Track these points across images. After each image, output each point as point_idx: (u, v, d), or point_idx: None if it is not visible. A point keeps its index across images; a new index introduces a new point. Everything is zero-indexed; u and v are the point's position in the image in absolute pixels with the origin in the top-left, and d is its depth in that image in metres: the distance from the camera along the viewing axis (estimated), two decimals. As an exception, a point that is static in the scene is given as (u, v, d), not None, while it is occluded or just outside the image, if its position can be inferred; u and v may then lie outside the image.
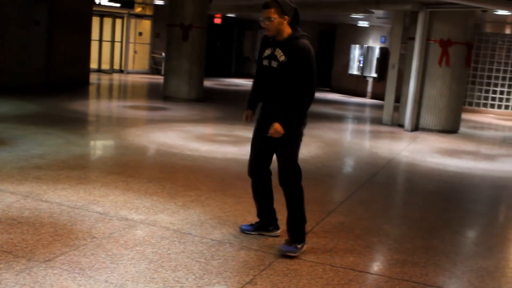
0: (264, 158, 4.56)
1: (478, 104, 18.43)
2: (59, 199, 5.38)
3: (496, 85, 18.17)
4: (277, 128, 4.25)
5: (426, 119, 12.65)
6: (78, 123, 10.22)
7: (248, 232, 4.79)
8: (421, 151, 10.06)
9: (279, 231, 4.82)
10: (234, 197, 5.96)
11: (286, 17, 4.27)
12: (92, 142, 8.96)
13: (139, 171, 6.83)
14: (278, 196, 4.74)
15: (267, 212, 4.77)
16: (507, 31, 17.89)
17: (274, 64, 4.30)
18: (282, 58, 4.26)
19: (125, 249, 4.25)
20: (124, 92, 18.40)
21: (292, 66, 4.22)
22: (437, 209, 6.42)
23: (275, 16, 4.24)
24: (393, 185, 7.84)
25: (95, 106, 13.67)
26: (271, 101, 4.42)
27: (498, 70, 18.08)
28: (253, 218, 5.12)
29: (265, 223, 4.79)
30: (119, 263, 3.98)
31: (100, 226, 4.71)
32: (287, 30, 4.30)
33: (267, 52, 4.39)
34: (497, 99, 18.24)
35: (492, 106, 18.30)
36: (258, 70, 4.55)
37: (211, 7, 16.23)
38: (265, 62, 4.39)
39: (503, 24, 17.57)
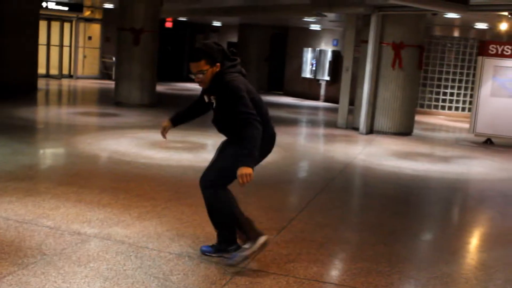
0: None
1: (429, 106, 18.71)
2: (5, 213, 5.11)
3: (446, 87, 18.48)
4: (242, 173, 3.84)
5: (381, 121, 12.72)
6: (25, 131, 9.84)
7: (208, 254, 4.40)
8: (377, 154, 10.08)
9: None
10: (191, 206, 5.78)
11: (218, 64, 4.05)
12: (40, 151, 8.63)
13: (91, 181, 6.59)
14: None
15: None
16: (456, 34, 18.22)
17: (212, 104, 4.20)
18: (214, 101, 4.14)
19: (78, 266, 4.03)
20: (73, 98, 17.94)
21: (223, 104, 4.07)
22: (396, 213, 6.38)
23: (206, 68, 4.02)
24: (351, 190, 7.81)
25: (43, 112, 13.25)
26: (223, 131, 4.28)
27: (448, 72, 18.40)
28: (211, 228, 4.95)
29: (223, 243, 4.40)
30: (72, 282, 3.76)
31: (51, 241, 4.47)
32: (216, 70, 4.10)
33: (205, 97, 4.25)
34: (447, 101, 18.56)
35: (443, 107, 18.61)
36: (199, 97, 4.39)
37: (162, 10, 15.99)
38: (206, 98, 4.26)
39: (451, 27, 17.89)
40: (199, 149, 9.14)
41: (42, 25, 20.12)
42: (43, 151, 8.68)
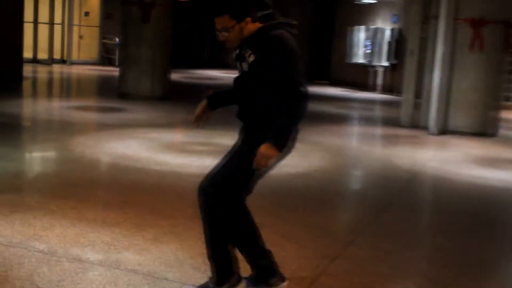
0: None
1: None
2: (-12, 233, 5.10)
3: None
4: (264, 152, 3.80)
5: (456, 119, 12.56)
6: (8, 130, 9.96)
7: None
8: (454, 160, 9.95)
9: (285, 283, 4.31)
10: (220, 226, 5.71)
11: (248, 18, 3.87)
12: (28, 155, 8.70)
13: (93, 194, 6.60)
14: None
15: (254, 253, 4.28)
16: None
17: (244, 66, 3.96)
18: (251, 57, 3.90)
19: (79, 302, 3.99)
20: (68, 88, 18.13)
21: (263, 66, 3.86)
22: (482, 237, 6.24)
23: (232, 24, 3.85)
24: (422, 206, 7.69)
25: (30, 107, 13.39)
26: (245, 114, 4.08)
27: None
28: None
29: (261, 273, 4.28)
30: (72, 323, 3.73)
31: (45, 270, 4.44)
32: (254, 27, 3.90)
33: (236, 51, 4.04)
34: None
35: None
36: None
37: (179, -21, 16.07)
38: (238, 65, 4.05)
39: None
40: (226, 153, 9.08)
41: (29, -2, 20.38)
42: (32, 156, 8.75)
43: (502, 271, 5.31)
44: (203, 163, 8.28)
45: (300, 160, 8.99)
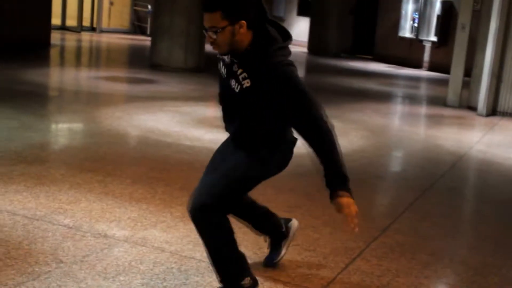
0: None
1: None
2: (11, 206, 5.24)
3: None
4: (348, 201, 3.76)
5: (508, 100, 12.45)
6: (35, 100, 10.11)
7: (275, 261, 4.49)
8: (503, 143, 9.91)
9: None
10: (252, 205, 5.78)
11: (243, 22, 3.50)
12: (55, 127, 8.84)
13: (121, 168, 6.69)
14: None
15: (267, 223, 4.44)
16: None
17: (234, 84, 3.68)
18: (245, 82, 3.61)
19: (104, 279, 4.10)
20: (97, 57, 18.29)
21: (264, 98, 3.59)
22: (529, 225, 6.24)
23: (223, 25, 3.48)
24: (467, 191, 7.69)
25: (57, 76, 13.57)
26: (235, 131, 3.89)
27: None
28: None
29: (278, 237, 4.50)
30: (96, 300, 3.84)
31: (69, 245, 4.56)
32: (247, 39, 3.57)
33: (224, 60, 3.74)
34: None
35: None
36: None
37: None
38: (224, 73, 3.78)
39: None
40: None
41: (59, -39, 20.56)
42: (58, 127, 8.89)
43: (548, 262, 5.31)
44: (236, 139, 8.37)
45: (339, 139, 8.99)
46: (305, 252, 4.82)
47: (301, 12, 25.18)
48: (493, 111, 12.48)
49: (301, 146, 3.88)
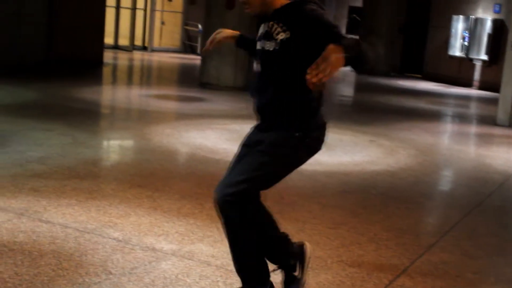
0: None
1: None
2: (63, 219, 5.37)
3: None
4: (333, 50, 3.22)
5: (559, 119, 12.30)
6: (88, 117, 10.32)
7: None
8: (553, 163, 9.77)
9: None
10: (298, 222, 5.85)
11: None
12: (106, 143, 9.01)
13: (170, 184, 6.80)
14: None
15: (279, 251, 4.10)
16: None
17: (269, 46, 3.68)
18: (281, 35, 3.61)
19: (151, 291, 4.19)
20: (148, 76, 18.54)
21: (301, 44, 3.56)
22: None
23: None
24: (514, 210, 7.62)
25: (110, 94, 13.79)
26: (266, 104, 3.79)
27: None
28: (322, 251, 5.01)
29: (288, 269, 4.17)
30: (143, 311, 3.93)
31: (119, 257, 4.67)
32: (279, 1, 3.67)
33: (260, 30, 3.78)
34: None
35: None
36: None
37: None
38: (258, 46, 3.79)
39: None
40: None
41: (112, -18, 20.93)
42: (110, 143, 9.05)
43: None
44: (283, 157, 8.43)
45: (386, 157, 9.03)
46: (349, 268, 4.85)
47: (350, 31, 25.20)
48: (544, 130, 12.35)
49: (347, 164, 3.94)
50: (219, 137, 9.35)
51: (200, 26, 21.76)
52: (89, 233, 5.10)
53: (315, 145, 3.86)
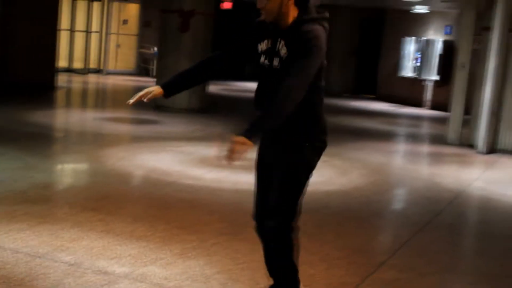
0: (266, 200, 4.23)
1: None
2: (14, 244, 5.31)
3: None
4: (237, 139, 3.72)
5: (508, 137, 12.51)
6: (40, 141, 10.22)
7: None
8: (502, 181, 9.95)
9: None
10: (250, 243, 5.83)
11: None
12: (59, 167, 8.93)
13: (122, 207, 6.79)
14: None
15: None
16: None
17: (276, 62, 3.99)
18: (283, 52, 3.95)
19: (103, 314, 4.18)
20: (102, 99, 18.45)
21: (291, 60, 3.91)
22: (525, 261, 6.29)
23: None
24: (464, 228, 7.74)
25: (63, 117, 13.70)
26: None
27: None
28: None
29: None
30: (94, 334, 3.91)
31: (70, 282, 4.64)
32: (293, 14, 3.96)
33: (264, 45, 4.07)
34: None
35: None
36: (231, 48, 4.27)
37: (219, -13, 16.33)
38: (263, 59, 4.08)
39: None
40: (262, 168, 9.24)
41: (65, 4, 20.85)
42: (62, 167, 8.98)
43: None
44: (237, 179, 8.47)
45: (339, 177, 9.12)
46: (301, 288, 4.88)
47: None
48: (493, 149, 12.52)
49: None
50: (172, 160, 9.34)
51: (155, 48, 21.75)
52: (40, 258, 5.06)
53: (323, 146, 4.19)
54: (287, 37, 3.93)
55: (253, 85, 16.54)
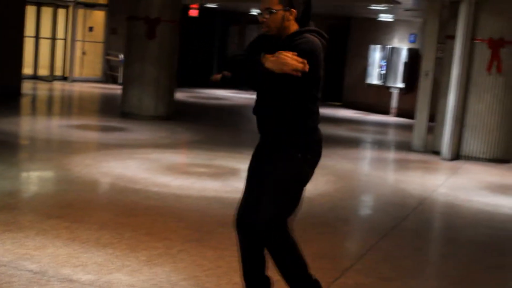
0: (256, 207, 4.35)
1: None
2: (-22, 252, 5.29)
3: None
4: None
5: (471, 144, 12.66)
6: (5, 148, 10.15)
7: None
8: (465, 187, 10.06)
9: None
10: (216, 249, 5.89)
11: (293, 10, 4.17)
12: (24, 174, 8.87)
13: (88, 214, 6.76)
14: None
15: (257, 280, 4.57)
16: None
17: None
18: None
19: (68, 322, 4.16)
20: (68, 106, 18.34)
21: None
22: (487, 266, 6.37)
23: (278, 8, 4.13)
24: (427, 233, 7.82)
25: (29, 125, 13.60)
26: (268, 124, 4.31)
27: None
28: (240, 278, 5.07)
29: None
30: None
31: (35, 290, 4.62)
32: (293, 28, 4.19)
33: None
34: None
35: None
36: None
37: (186, -6, 16.34)
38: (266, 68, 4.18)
39: None
40: (228, 175, 9.26)
41: (30, 11, 20.68)
42: (28, 175, 8.91)
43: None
44: (203, 185, 8.50)
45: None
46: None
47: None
48: (457, 155, 12.66)
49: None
50: (139, 167, 9.32)
51: (121, 56, 21.70)
52: (4, 266, 5.03)
53: (316, 160, 4.35)
54: (286, 46, 4.07)
55: (220, 92, 16.74)
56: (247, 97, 22.36)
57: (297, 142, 4.24)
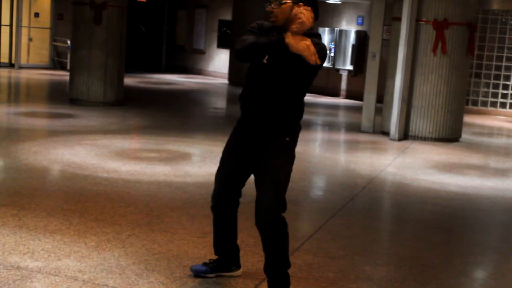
0: (237, 184, 4.76)
1: (484, 103, 18.86)
2: None
3: (507, 78, 18.59)
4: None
5: (418, 124, 12.85)
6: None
7: (203, 275, 4.89)
8: (412, 166, 10.22)
9: (240, 270, 5.02)
10: (166, 233, 5.92)
11: (301, 4, 4.33)
12: (-30, 163, 8.77)
13: (36, 201, 6.72)
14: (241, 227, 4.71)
15: (230, 249, 4.94)
16: (520, 8, 18.36)
17: (274, 60, 4.41)
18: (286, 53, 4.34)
19: (16, 308, 4.15)
20: (15, 93, 18.10)
21: (294, 66, 4.36)
22: (433, 242, 6.51)
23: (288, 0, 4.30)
24: (375, 212, 7.92)
25: (-25, 113, 13.42)
26: (258, 109, 4.51)
27: (509, 59, 18.51)
28: (190, 261, 5.11)
29: (226, 262, 4.94)
30: (7, 329, 3.89)
31: (-18, 278, 4.60)
32: None
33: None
34: (509, 96, 18.67)
35: (503, 105, 18.74)
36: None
37: (132, -21, 16.20)
38: (265, 59, 4.45)
39: (514, -1, 18.03)
40: (178, 160, 9.26)
41: (-26, -2, 20.35)
42: (-26, 163, 8.83)
43: (448, 274, 5.55)
44: (153, 170, 8.49)
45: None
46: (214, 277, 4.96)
47: (221, 45, 25.42)
48: (405, 135, 12.85)
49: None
50: (88, 153, 9.27)
51: (69, 41, 21.47)
52: (-50, 255, 5.00)
53: (295, 145, 4.65)
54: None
55: (170, 77, 16.65)
56: (197, 81, 22.35)
57: (289, 129, 4.53)
